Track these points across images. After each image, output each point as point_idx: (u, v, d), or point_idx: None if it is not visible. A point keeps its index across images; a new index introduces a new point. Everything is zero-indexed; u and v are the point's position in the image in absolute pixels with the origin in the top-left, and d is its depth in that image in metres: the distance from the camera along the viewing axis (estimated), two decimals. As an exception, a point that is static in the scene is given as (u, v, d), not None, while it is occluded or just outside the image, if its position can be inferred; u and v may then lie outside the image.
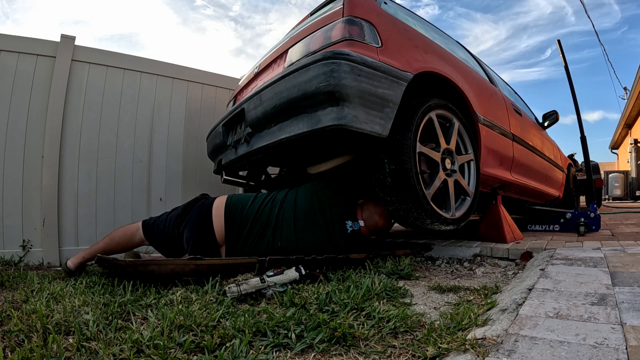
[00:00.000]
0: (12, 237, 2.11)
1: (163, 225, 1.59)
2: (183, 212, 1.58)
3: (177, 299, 1.07)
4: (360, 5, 1.51)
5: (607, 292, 0.99)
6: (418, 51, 1.66)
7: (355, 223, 1.64)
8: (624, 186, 9.96)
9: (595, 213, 2.53)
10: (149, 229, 1.61)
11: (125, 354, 0.72)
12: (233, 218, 1.53)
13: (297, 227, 1.52)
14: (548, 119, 3.19)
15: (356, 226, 1.64)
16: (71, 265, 1.54)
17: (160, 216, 1.65)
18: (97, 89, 2.42)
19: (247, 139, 1.72)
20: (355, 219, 1.66)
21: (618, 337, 0.70)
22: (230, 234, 1.52)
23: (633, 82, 8.77)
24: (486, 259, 1.83)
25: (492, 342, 0.72)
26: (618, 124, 12.20)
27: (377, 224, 1.68)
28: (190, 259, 1.28)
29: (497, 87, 2.45)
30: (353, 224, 1.63)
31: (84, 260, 1.57)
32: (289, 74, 1.41)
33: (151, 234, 1.60)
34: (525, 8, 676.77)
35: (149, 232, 1.60)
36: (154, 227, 1.60)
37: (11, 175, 2.13)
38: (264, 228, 1.52)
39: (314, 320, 0.88)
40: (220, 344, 0.78)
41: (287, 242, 1.50)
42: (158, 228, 1.59)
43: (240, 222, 1.53)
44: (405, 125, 1.49)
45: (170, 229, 1.57)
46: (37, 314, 0.90)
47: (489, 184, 2.16)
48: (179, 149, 2.72)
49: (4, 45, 2.14)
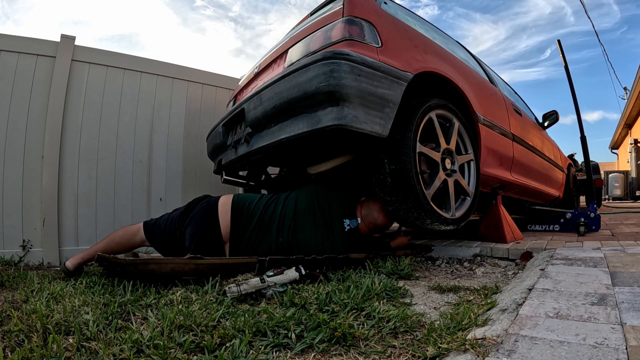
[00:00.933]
0: (12, 237, 2.10)
1: (165, 224, 1.60)
2: (187, 209, 1.60)
3: (177, 299, 1.07)
4: (360, 5, 1.51)
5: (607, 292, 0.99)
6: (418, 51, 1.66)
7: (353, 221, 1.65)
8: (624, 186, 9.96)
9: (595, 213, 2.53)
10: (150, 228, 1.61)
11: (125, 354, 0.72)
12: (240, 213, 1.56)
13: (297, 224, 1.55)
14: (548, 119, 3.19)
15: (354, 224, 1.64)
16: (70, 265, 1.54)
17: (161, 216, 1.66)
18: (97, 89, 2.42)
19: (247, 139, 1.72)
20: (353, 217, 1.67)
21: (618, 337, 0.70)
22: (237, 229, 1.54)
23: (633, 82, 8.77)
24: (486, 259, 1.83)
25: (492, 342, 0.72)
26: (618, 124, 12.20)
27: (376, 221, 1.68)
28: (190, 257, 1.28)
29: (497, 87, 2.45)
30: (350, 222, 1.64)
31: (83, 261, 1.56)
32: (289, 74, 1.41)
33: (152, 234, 1.60)
34: (525, 8, 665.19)
35: (150, 231, 1.60)
36: (155, 227, 1.61)
37: (11, 175, 2.13)
38: (268, 224, 1.55)
39: (314, 320, 0.88)
40: (220, 344, 0.78)
41: (289, 237, 1.54)
42: (159, 227, 1.60)
43: (246, 217, 1.56)
44: (405, 125, 1.49)
45: (172, 227, 1.57)
46: (37, 314, 0.90)
47: (489, 184, 2.16)
48: (179, 149, 2.72)
49: (4, 45, 2.13)
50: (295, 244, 1.54)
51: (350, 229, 1.62)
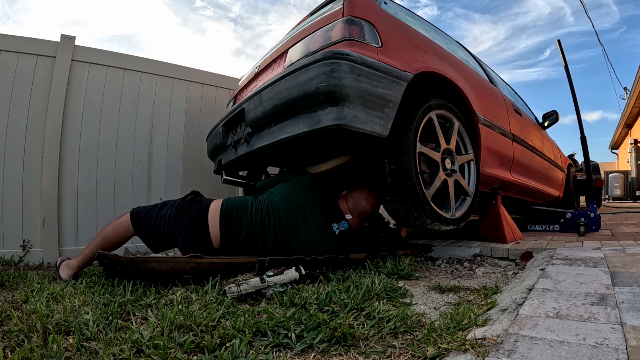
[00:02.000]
0: (12, 237, 2.11)
1: (155, 223, 1.52)
2: (177, 215, 1.52)
3: (177, 299, 1.07)
4: (360, 5, 1.51)
5: (607, 292, 0.99)
6: (418, 51, 1.66)
7: (342, 223, 1.61)
8: (624, 186, 9.96)
9: (595, 213, 2.53)
10: (139, 222, 1.54)
11: (125, 354, 0.72)
12: (229, 223, 1.50)
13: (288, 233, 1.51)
14: (548, 119, 3.19)
15: (343, 226, 1.61)
16: (66, 277, 1.47)
17: (149, 210, 1.57)
18: (97, 89, 2.42)
19: (247, 139, 1.72)
20: (340, 219, 1.62)
21: (618, 337, 0.70)
22: (227, 239, 1.50)
23: (633, 82, 8.77)
24: (486, 259, 1.83)
25: (492, 342, 0.72)
26: (618, 124, 12.19)
27: (366, 209, 1.66)
28: (190, 256, 1.28)
29: (497, 87, 2.45)
30: (339, 225, 1.60)
31: (80, 270, 1.53)
32: (289, 74, 1.41)
33: (142, 228, 1.54)
34: (524, 9, 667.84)
35: (140, 225, 1.54)
36: (145, 222, 1.54)
37: (11, 175, 2.13)
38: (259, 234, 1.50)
39: (314, 320, 0.88)
40: (220, 344, 0.78)
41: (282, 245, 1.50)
42: (150, 223, 1.53)
43: (236, 228, 1.50)
44: (405, 125, 1.49)
45: (163, 227, 1.51)
46: (37, 314, 0.90)
47: (489, 184, 2.16)
48: (179, 149, 2.72)
49: (4, 45, 2.14)
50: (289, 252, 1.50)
51: (341, 231, 1.60)
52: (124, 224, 1.55)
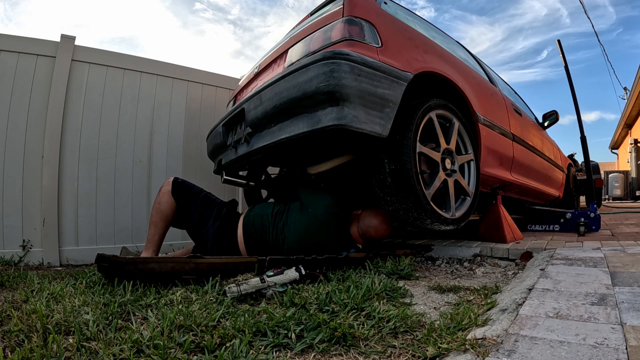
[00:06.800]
0: (12, 237, 2.10)
1: (195, 217, 1.73)
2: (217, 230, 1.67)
3: (177, 299, 1.07)
4: (360, 5, 1.51)
5: (607, 292, 0.99)
6: (418, 51, 1.66)
7: (351, 250, 1.67)
8: (624, 186, 9.96)
9: (595, 213, 2.53)
10: (181, 192, 1.73)
11: (125, 354, 0.72)
12: (252, 236, 1.69)
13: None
14: (548, 119, 3.19)
15: (350, 251, 1.65)
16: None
17: (192, 198, 1.75)
18: (97, 89, 2.41)
19: (247, 139, 1.72)
20: (350, 248, 1.68)
21: (618, 337, 0.70)
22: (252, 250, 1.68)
23: (633, 82, 8.77)
24: (486, 259, 1.83)
25: (492, 342, 0.72)
26: (618, 124, 12.19)
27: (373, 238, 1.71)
28: (190, 257, 1.28)
29: (497, 87, 2.45)
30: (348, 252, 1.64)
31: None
32: (289, 74, 1.41)
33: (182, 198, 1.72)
34: (520, 10, 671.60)
35: (180, 194, 1.72)
36: (189, 213, 1.73)
37: (11, 175, 2.13)
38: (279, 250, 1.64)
39: (314, 320, 0.88)
40: (220, 344, 0.78)
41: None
42: (189, 215, 1.73)
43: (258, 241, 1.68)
44: (405, 125, 1.49)
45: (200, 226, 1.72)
46: (37, 314, 0.90)
47: (489, 184, 2.16)
48: (179, 149, 2.71)
49: (4, 45, 2.13)
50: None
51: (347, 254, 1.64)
52: (164, 204, 1.71)
